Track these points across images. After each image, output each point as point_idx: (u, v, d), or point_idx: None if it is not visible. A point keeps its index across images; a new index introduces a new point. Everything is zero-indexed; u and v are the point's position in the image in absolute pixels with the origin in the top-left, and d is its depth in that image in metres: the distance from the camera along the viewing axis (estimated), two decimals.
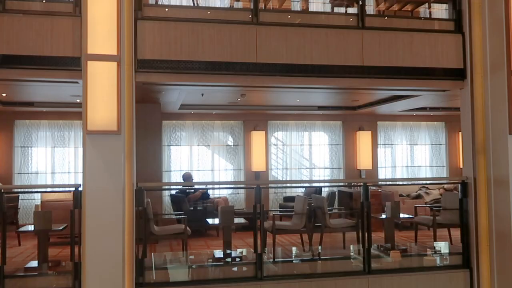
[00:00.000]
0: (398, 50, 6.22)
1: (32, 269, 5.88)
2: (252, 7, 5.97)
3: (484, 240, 5.99)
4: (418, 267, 6.26)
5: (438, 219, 7.66)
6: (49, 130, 10.98)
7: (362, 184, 6.30)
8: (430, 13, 7.56)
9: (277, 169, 12.22)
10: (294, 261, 6.59)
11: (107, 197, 5.08)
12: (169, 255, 7.30)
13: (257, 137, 11.77)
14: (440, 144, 13.07)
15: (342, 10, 7.42)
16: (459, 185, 6.37)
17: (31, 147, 10.89)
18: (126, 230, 5.10)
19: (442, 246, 7.46)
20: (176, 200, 9.69)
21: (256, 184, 6.07)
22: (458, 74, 6.34)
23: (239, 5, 7.17)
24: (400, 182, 12.15)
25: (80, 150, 9.69)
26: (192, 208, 9.47)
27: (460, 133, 12.54)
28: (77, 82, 5.40)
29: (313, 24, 6.13)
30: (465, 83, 6.31)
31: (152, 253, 6.83)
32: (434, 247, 7.25)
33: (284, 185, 12.09)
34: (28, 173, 10.81)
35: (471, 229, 6.17)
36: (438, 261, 6.52)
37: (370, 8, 7.65)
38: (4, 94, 8.79)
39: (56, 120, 10.92)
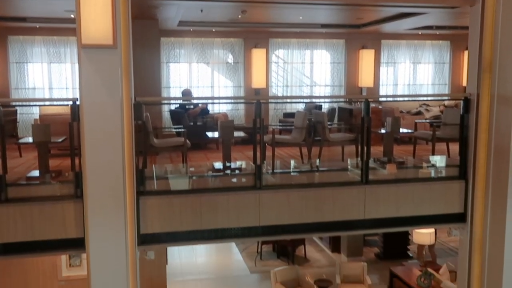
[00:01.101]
0: None
1: (34, 178, 5.96)
2: None
3: (482, 154, 6.07)
4: (415, 178, 6.39)
5: (438, 134, 7.69)
6: (44, 46, 10.78)
7: (363, 100, 6.28)
8: None
9: (278, 86, 12.13)
10: (292, 173, 6.70)
11: (105, 111, 5.05)
12: (169, 167, 7.41)
13: (257, 54, 11.57)
14: (444, 63, 12.92)
15: None
16: (462, 101, 6.36)
17: (27, 63, 10.76)
18: (125, 142, 5.13)
19: (440, 159, 7.56)
20: (176, 116, 9.69)
21: (256, 99, 6.03)
22: None
23: None
24: (402, 98, 12.14)
25: (76, 66, 9.56)
26: (192, 123, 9.50)
27: (465, 52, 12.45)
28: None
29: None
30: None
31: (153, 165, 6.92)
32: (432, 159, 7.34)
33: (284, 101, 12.05)
34: (25, 88, 10.76)
35: (470, 143, 6.22)
36: (434, 171, 6.65)
37: None
38: None
39: (51, 36, 10.69)
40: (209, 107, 10.84)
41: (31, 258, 7.94)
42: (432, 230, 9.65)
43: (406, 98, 12.38)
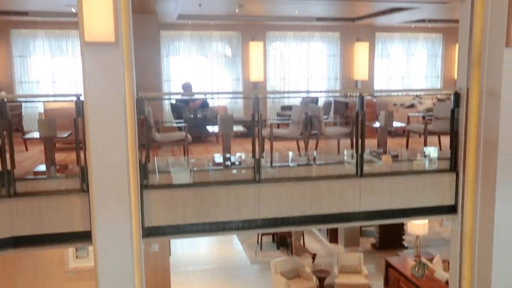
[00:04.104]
0: None
1: (41, 172, 6.12)
2: None
3: (472, 147, 6.26)
4: (407, 170, 6.59)
5: (430, 127, 7.89)
6: (47, 40, 10.90)
7: (357, 94, 6.48)
8: None
9: (275, 79, 12.30)
10: (290, 165, 6.89)
11: (109, 106, 5.21)
12: (171, 160, 7.58)
13: (255, 47, 11.73)
14: (436, 56, 13.12)
15: None
16: (452, 95, 6.56)
17: (30, 56, 10.88)
18: (129, 136, 5.30)
19: (431, 151, 7.78)
20: (177, 109, 9.87)
21: (254, 95, 6.18)
22: None
23: None
24: (395, 93, 12.35)
25: (79, 59, 9.66)
26: (192, 116, 9.70)
27: (456, 45, 12.58)
28: None
29: None
30: None
31: (155, 157, 7.08)
32: (424, 152, 7.54)
33: (282, 95, 12.23)
34: (29, 82, 10.89)
35: (460, 136, 6.42)
36: (426, 165, 6.87)
37: None
38: None
39: (53, 30, 10.81)
40: (209, 100, 11.02)
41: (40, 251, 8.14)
42: (425, 221, 9.90)
43: (398, 93, 12.56)
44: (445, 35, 12.84)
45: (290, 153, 8.07)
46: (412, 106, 10.96)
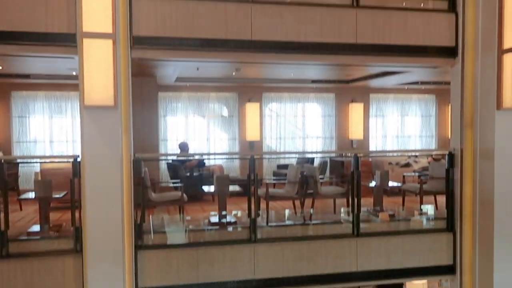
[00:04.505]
0: (391, 28, 6.35)
1: (35, 233, 6.05)
2: None
3: (468, 207, 6.31)
4: (404, 230, 6.60)
5: (425, 187, 7.94)
6: (46, 101, 11.10)
7: (352, 155, 6.58)
8: None
9: (271, 138, 12.45)
10: (286, 225, 6.88)
11: (106, 168, 5.30)
12: (166, 219, 7.56)
13: (251, 108, 11.95)
14: (430, 116, 13.36)
15: None
16: (447, 155, 6.66)
17: (29, 117, 11.04)
18: (124, 197, 5.34)
19: (428, 210, 7.76)
20: (173, 167, 9.93)
21: (251, 155, 6.31)
22: (449, 52, 6.53)
23: None
24: (390, 154, 12.45)
25: (77, 119, 9.82)
26: (188, 175, 9.73)
27: (449, 105, 12.87)
28: (73, 58, 5.49)
29: (307, 3, 6.24)
30: (456, 61, 6.51)
31: (150, 216, 7.08)
32: (421, 211, 7.55)
33: (278, 156, 12.33)
34: (26, 141, 11.00)
35: (456, 196, 6.48)
36: (423, 223, 6.88)
37: None
38: (0, 67, 8.87)
39: (53, 91, 11.04)
40: (205, 158, 11.09)
41: None
42: (424, 281, 9.71)
43: (394, 154, 12.68)
44: (438, 96, 13.13)
45: (286, 212, 8.06)
46: (407, 165, 11.04)
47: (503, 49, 5.94)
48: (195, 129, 12.04)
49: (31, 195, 7.34)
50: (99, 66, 5.22)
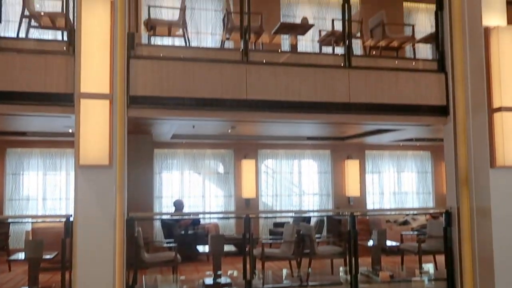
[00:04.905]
0: (383, 88, 6.49)
1: None
2: (242, 46, 6.22)
3: (468, 266, 6.20)
4: None
5: (424, 246, 7.83)
6: (41, 158, 11.07)
7: (349, 214, 6.51)
8: (414, 51, 7.88)
9: (267, 195, 12.36)
10: (283, 286, 6.71)
11: (98, 227, 5.22)
12: (160, 280, 7.37)
13: (247, 165, 11.94)
14: (426, 172, 13.35)
15: (329, 49, 7.70)
16: (443, 214, 6.61)
17: (23, 174, 10.97)
18: (116, 258, 5.22)
19: (427, 270, 7.62)
20: (167, 226, 9.79)
21: (246, 214, 6.24)
22: (441, 111, 6.62)
23: (230, 44, 7.41)
24: (387, 213, 12.36)
25: (72, 176, 9.77)
26: (182, 233, 9.57)
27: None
28: (69, 116, 5.54)
29: (301, 63, 6.39)
30: (448, 120, 6.59)
31: (143, 276, 6.92)
32: (420, 272, 7.41)
33: (274, 215, 12.19)
34: (19, 199, 10.87)
35: (455, 255, 6.38)
36: (424, 284, 6.72)
37: (356, 46, 7.96)
38: None
39: (48, 148, 11.02)
40: (200, 216, 10.96)
41: None
42: None
43: (392, 212, 12.60)
44: (433, 152, 13.17)
45: (283, 272, 7.88)
46: (405, 222, 10.94)
47: (493, 108, 6.05)
48: (191, 186, 11.96)
49: (21, 255, 7.17)
50: (95, 125, 5.25)
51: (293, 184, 12.64)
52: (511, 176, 6.06)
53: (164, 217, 10.66)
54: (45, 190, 11.04)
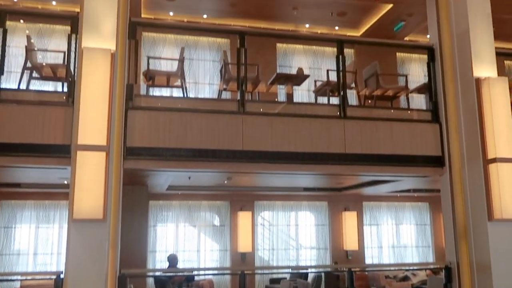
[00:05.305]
0: (378, 138, 6.49)
1: None
2: (238, 97, 6.29)
3: None
4: None
5: None
6: (34, 210, 10.91)
7: (346, 269, 6.36)
8: (408, 101, 7.98)
9: (264, 249, 12.13)
10: None
11: (89, 284, 5.05)
12: None
13: (243, 217, 11.78)
14: (425, 225, 13.18)
15: (325, 99, 7.80)
16: (443, 270, 6.45)
17: (15, 227, 10.76)
18: None
19: None
20: (160, 282, 9.52)
21: (241, 271, 6.08)
22: (437, 162, 6.61)
23: (228, 95, 7.50)
24: (386, 268, 12.10)
25: (64, 229, 9.57)
26: None
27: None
28: (65, 168, 5.48)
29: (297, 114, 6.43)
30: (444, 170, 6.57)
31: None
32: None
33: (270, 271, 11.91)
34: (10, 254, 10.60)
35: None
36: None
37: (352, 96, 8.07)
38: None
39: (42, 200, 10.89)
40: (195, 273, 10.69)
41: None
42: None
43: (390, 268, 12.34)
44: (432, 203, 13.05)
45: None
46: (405, 278, 10.70)
47: (488, 159, 6.03)
48: (185, 240, 11.75)
49: None
50: (91, 178, 5.16)
51: (290, 237, 12.43)
52: (510, 229, 5.97)
53: (158, 273, 10.37)
54: (37, 244, 10.81)
